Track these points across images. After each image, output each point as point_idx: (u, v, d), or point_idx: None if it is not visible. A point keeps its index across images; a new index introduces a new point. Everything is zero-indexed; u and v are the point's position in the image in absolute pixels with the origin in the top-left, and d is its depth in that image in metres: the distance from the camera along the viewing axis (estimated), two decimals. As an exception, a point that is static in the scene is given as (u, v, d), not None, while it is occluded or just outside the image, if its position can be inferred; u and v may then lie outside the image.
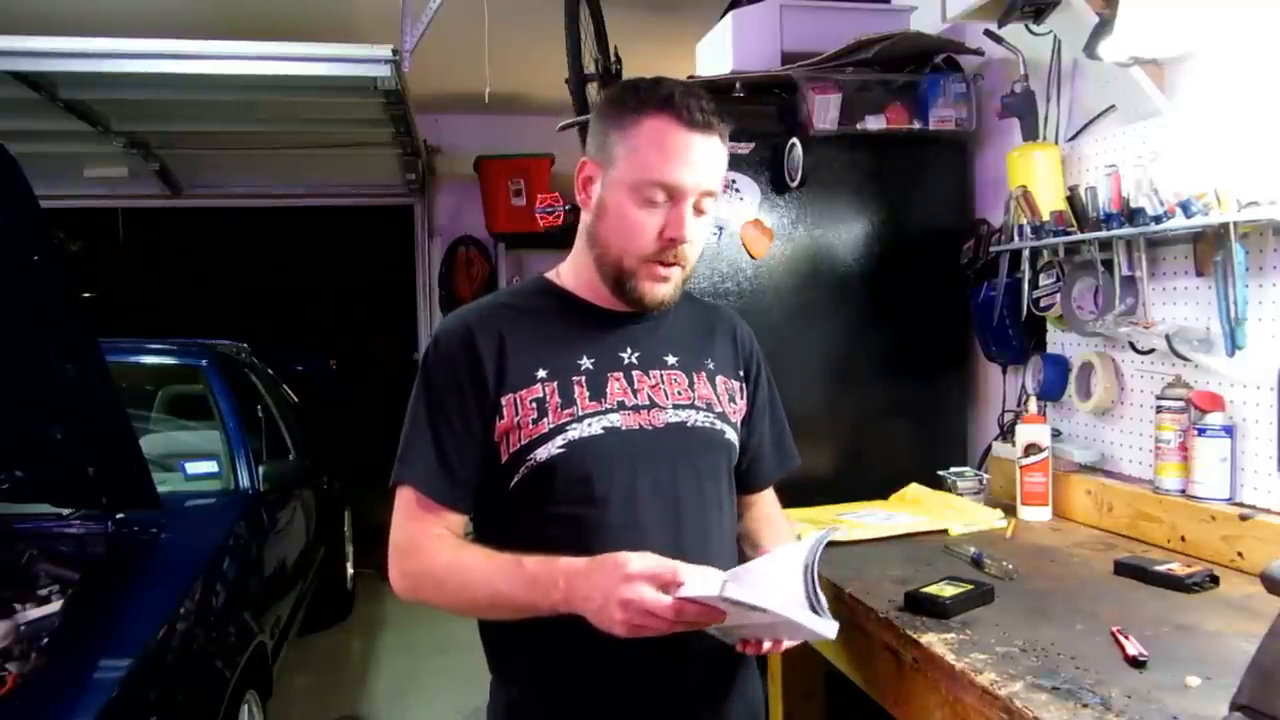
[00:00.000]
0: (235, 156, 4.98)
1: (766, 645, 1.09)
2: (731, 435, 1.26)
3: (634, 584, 0.98)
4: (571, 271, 1.26)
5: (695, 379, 1.24)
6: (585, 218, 1.20)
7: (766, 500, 1.40)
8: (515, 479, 1.16)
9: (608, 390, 1.18)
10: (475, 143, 5.46)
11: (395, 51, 3.11)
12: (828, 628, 1.01)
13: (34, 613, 2.01)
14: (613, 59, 2.89)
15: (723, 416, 1.25)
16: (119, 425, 2.17)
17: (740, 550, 1.32)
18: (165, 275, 9.23)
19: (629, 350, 1.22)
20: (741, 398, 1.30)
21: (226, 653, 2.25)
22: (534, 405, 1.15)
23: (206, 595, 2.33)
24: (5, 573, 2.20)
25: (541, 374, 1.17)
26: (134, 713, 1.79)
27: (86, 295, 7.59)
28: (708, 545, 1.19)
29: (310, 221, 7.77)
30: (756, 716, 1.30)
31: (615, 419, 1.17)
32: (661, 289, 1.18)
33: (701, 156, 1.13)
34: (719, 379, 1.27)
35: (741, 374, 1.31)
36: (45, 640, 1.91)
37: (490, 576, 1.09)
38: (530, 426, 1.15)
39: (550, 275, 1.29)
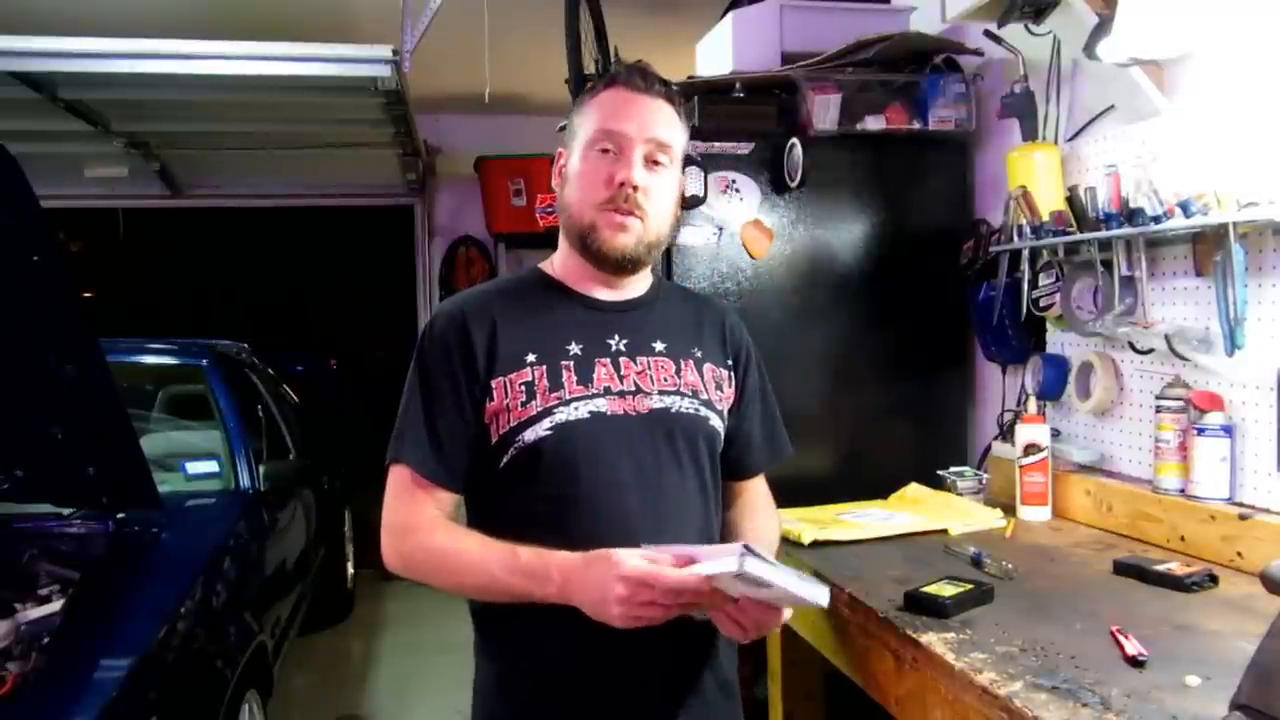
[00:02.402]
0: (235, 156, 4.97)
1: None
2: (716, 422, 1.29)
3: (628, 584, 1.01)
4: (560, 260, 1.31)
5: (682, 366, 1.27)
6: (558, 195, 1.28)
7: (754, 488, 1.42)
8: (504, 460, 1.19)
9: (594, 375, 1.21)
10: (475, 143, 5.46)
11: (395, 51, 3.11)
12: (821, 594, 1.04)
13: (34, 613, 2.01)
14: (613, 59, 2.89)
15: (708, 404, 1.28)
16: (119, 425, 2.17)
17: (725, 538, 1.34)
18: (165, 275, 9.21)
19: (617, 337, 1.25)
20: (730, 386, 1.33)
21: (227, 653, 2.25)
22: (523, 388, 1.19)
23: (207, 595, 2.33)
24: (5, 573, 2.20)
25: (531, 358, 1.20)
26: (134, 713, 1.79)
27: (86, 295, 7.59)
28: (689, 529, 1.22)
29: (310, 221, 7.76)
30: (729, 689, 1.31)
31: (601, 404, 1.20)
32: (622, 238, 1.22)
33: (645, 111, 1.22)
34: (706, 366, 1.30)
35: (730, 362, 1.34)
36: (45, 640, 1.90)
37: (486, 564, 1.12)
38: (519, 409, 1.18)
39: (544, 265, 1.33)
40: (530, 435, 1.17)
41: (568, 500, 1.17)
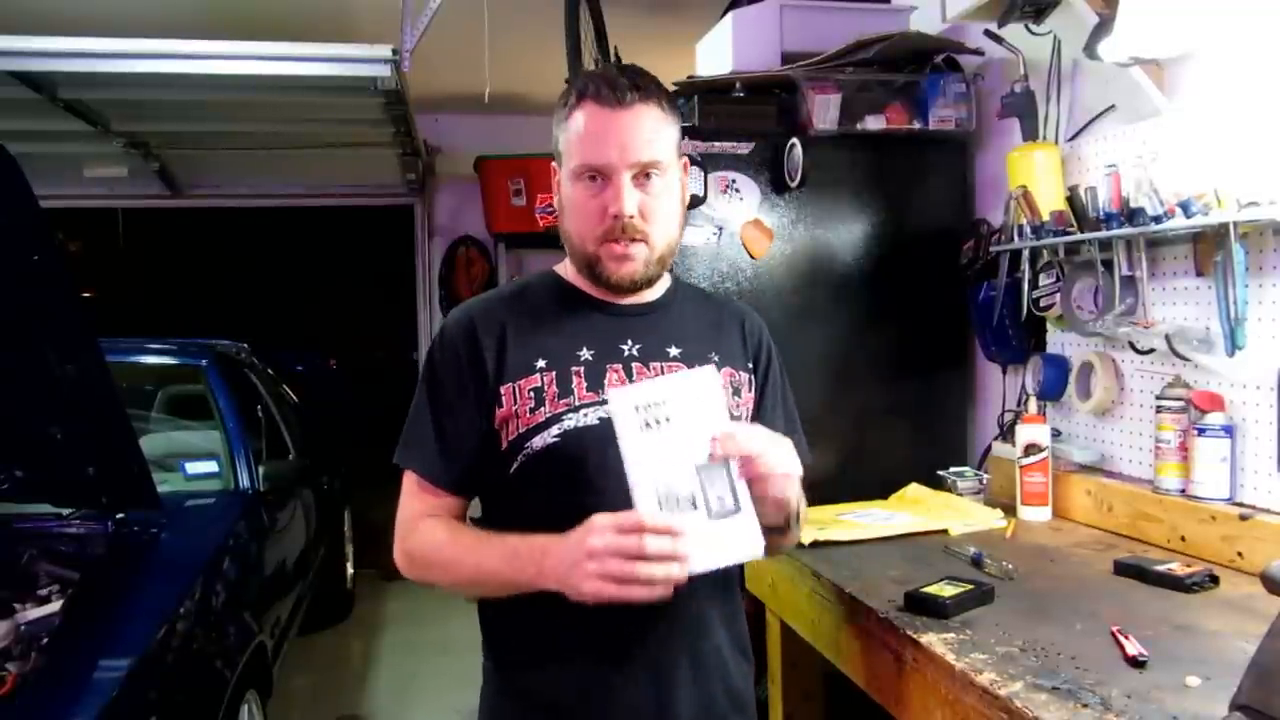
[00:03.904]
0: (235, 156, 4.97)
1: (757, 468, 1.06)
2: None
3: (600, 533, 1.00)
4: (571, 266, 1.29)
5: None
6: (558, 215, 1.26)
7: None
8: (514, 466, 1.18)
9: (605, 381, 1.20)
10: (475, 143, 5.46)
11: (395, 51, 3.11)
12: (709, 374, 1.09)
13: (34, 613, 2.01)
14: (613, 59, 2.89)
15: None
16: (119, 425, 2.17)
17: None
18: (165, 275, 9.23)
19: (630, 343, 1.23)
20: (749, 390, 1.30)
21: (226, 653, 2.25)
22: (532, 395, 1.18)
23: (206, 595, 2.32)
24: (5, 573, 2.20)
25: (541, 364, 1.19)
26: (134, 713, 1.79)
27: (86, 295, 7.59)
28: None
29: (310, 221, 7.77)
30: (742, 704, 1.28)
31: None
32: (627, 267, 1.19)
33: (625, 130, 1.15)
34: (724, 370, 1.26)
35: (750, 365, 1.31)
36: (45, 640, 1.90)
37: (477, 553, 1.14)
38: (528, 415, 1.17)
39: (558, 269, 1.31)
40: (539, 442, 1.16)
41: (577, 507, 1.13)
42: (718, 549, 1.02)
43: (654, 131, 1.18)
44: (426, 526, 1.20)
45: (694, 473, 1.03)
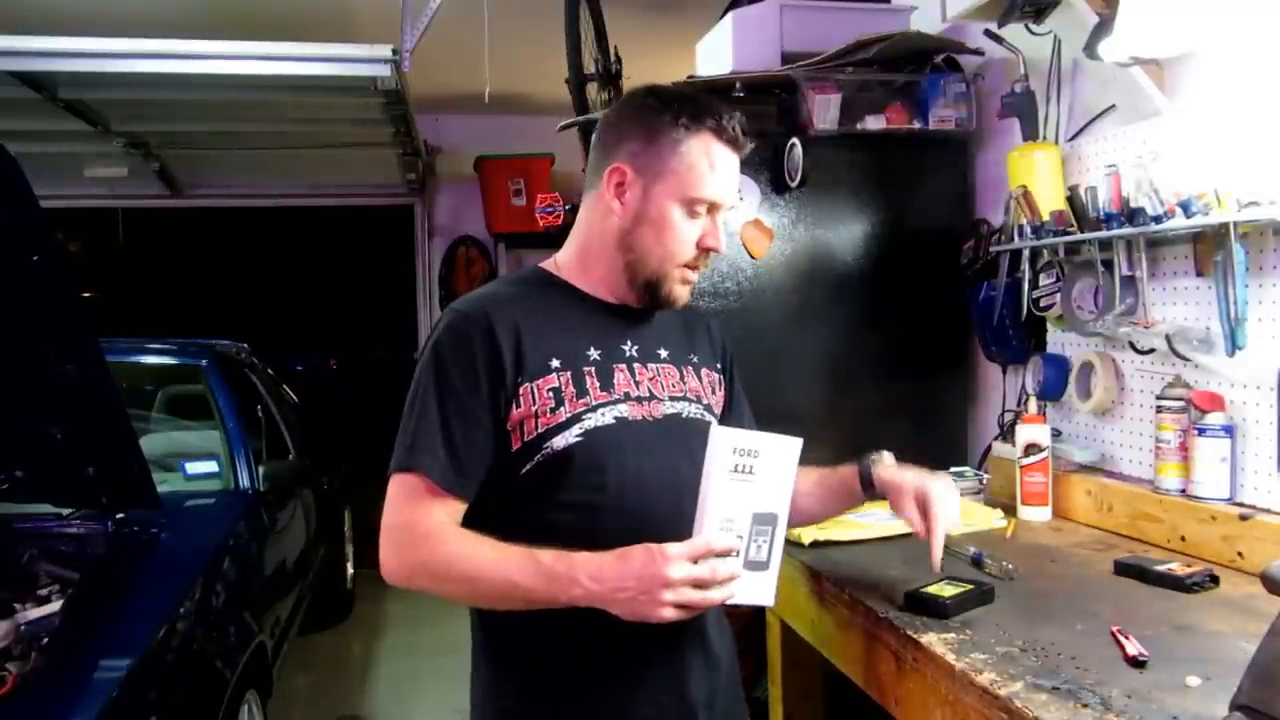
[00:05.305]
0: (235, 156, 4.98)
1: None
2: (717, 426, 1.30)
3: (676, 563, 1.03)
4: (576, 266, 1.28)
5: (684, 372, 1.29)
6: (615, 223, 1.22)
7: None
8: (527, 466, 1.17)
9: (615, 381, 1.22)
10: (475, 143, 5.46)
11: (395, 51, 3.11)
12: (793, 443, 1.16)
13: (34, 613, 2.01)
14: (613, 59, 2.89)
15: (709, 408, 1.31)
16: (119, 425, 2.17)
17: None
18: (165, 275, 9.21)
19: (629, 343, 1.26)
20: (720, 389, 1.36)
21: (226, 653, 2.25)
22: (551, 394, 1.17)
23: (206, 595, 2.32)
24: (5, 573, 2.20)
25: (555, 363, 1.19)
26: (134, 713, 1.79)
27: (86, 295, 7.58)
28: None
29: (310, 221, 7.76)
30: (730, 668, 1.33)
31: (623, 409, 1.20)
32: (687, 291, 1.27)
33: (735, 173, 1.24)
34: (704, 371, 1.33)
35: (719, 365, 1.38)
36: (45, 640, 1.90)
37: (504, 569, 1.08)
38: (548, 415, 1.17)
39: (547, 266, 1.31)
40: (560, 441, 1.16)
41: (592, 505, 1.16)
42: (739, 591, 1.11)
43: None
44: (440, 536, 1.12)
45: (749, 523, 1.12)
